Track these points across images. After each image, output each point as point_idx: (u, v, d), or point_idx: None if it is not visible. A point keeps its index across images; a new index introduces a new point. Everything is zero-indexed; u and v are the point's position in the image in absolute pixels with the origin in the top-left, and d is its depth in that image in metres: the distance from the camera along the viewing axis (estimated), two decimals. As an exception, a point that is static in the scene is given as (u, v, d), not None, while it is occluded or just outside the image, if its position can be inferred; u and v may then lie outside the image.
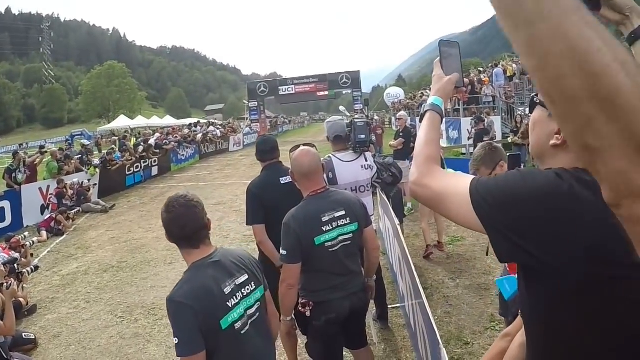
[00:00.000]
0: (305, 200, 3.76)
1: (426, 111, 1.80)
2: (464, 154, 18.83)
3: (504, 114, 21.83)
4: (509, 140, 17.19)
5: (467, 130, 19.34)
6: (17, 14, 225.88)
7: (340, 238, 3.65)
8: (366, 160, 5.51)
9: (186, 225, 2.70)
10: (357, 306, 3.92)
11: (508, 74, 27.19)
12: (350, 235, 3.71)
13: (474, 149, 14.13)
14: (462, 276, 7.46)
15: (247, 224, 4.79)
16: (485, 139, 14.39)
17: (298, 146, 4.03)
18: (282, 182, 4.83)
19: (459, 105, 23.58)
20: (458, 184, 1.43)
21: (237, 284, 2.77)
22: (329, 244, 3.62)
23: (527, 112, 23.13)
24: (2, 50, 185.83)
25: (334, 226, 3.63)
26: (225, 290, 2.68)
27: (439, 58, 1.83)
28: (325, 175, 4.56)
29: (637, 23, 1.42)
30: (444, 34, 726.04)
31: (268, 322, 3.08)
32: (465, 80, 20.60)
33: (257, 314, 2.88)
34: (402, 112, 15.45)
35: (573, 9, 0.66)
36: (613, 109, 0.60)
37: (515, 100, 24.36)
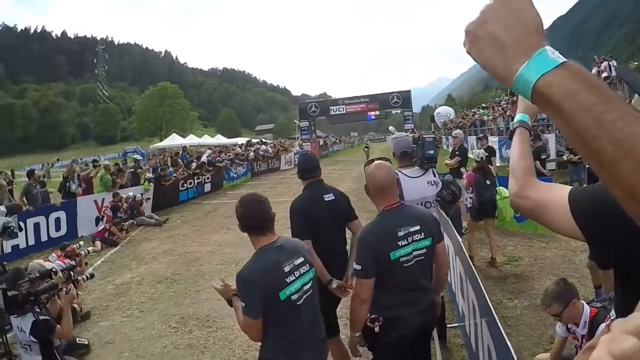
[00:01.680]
0: (381, 214, 3.69)
1: (515, 128, 1.91)
2: None
3: (558, 132, 21.27)
4: (564, 158, 16.88)
5: (522, 147, 18.96)
6: (72, 37, 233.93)
7: (415, 253, 3.55)
8: (434, 176, 5.48)
9: (257, 216, 3.34)
10: (427, 323, 3.84)
11: None
12: (424, 250, 3.62)
13: None
14: (520, 296, 7.29)
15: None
16: (542, 156, 14.16)
17: (372, 160, 4.00)
18: (326, 199, 4.85)
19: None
20: (558, 195, 1.49)
21: (295, 264, 3.32)
22: (404, 259, 3.53)
23: None
24: (58, 72, 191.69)
25: (409, 241, 3.53)
26: (285, 269, 3.24)
27: None
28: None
29: None
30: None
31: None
32: None
33: (311, 290, 3.45)
34: (457, 131, 15.36)
35: None
36: None
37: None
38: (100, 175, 17.42)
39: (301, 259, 3.38)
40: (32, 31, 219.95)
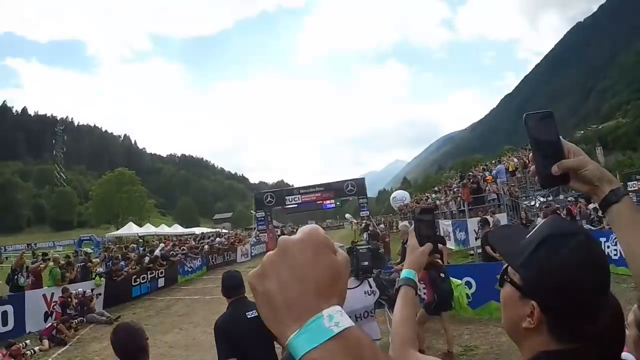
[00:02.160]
0: None
1: (399, 287, 1.89)
2: (472, 254, 18.66)
3: (509, 210, 21.95)
4: None
5: (474, 230, 19.39)
6: (32, 115, 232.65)
7: None
8: (370, 287, 5.56)
9: (128, 346, 3.43)
10: None
11: (510, 169, 27.81)
12: None
13: (482, 251, 14.09)
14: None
15: None
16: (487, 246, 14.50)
17: None
18: (249, 316, 4.89)
19: (464, 206, 23.79)
20: None
21: None
22: None
23: (532, 204, 23.43)
24: (16, 150, 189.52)
25: None
26: None
27: (413, 226, 1.94)
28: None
29: (608, 189, 1.44)
30: (445, 132, 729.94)
31: None
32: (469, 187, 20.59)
33: None
34: (403, 223, 15.73)
35: None
36: None
37: (520, 194, 25.03)
38: (49, 268, 17.19)
39: None
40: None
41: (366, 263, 5.50)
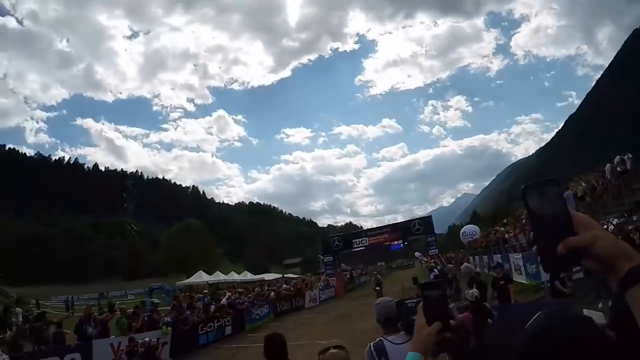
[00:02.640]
0: None
1: None
2: (543, 287, 17.13)
3: None
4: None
5: (547, 262, 18.19)
6: (103, 170, 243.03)
7: None
8: None
9: None
10: None
11: (579, 194, 26.55)
12: None
13: (550, 287, 13.16)
14: None
15: None
16: (562, 274, 13.45)
17: (328, 349, 3.94)
18: None
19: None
20: None
21: None
22: None
23: (605, 228, 22.27)
24: (88, 204, 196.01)
25: None
26: None
27: (422, 303, 1.70)
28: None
29: (626, 268, 1.08)
30: (512, 161, 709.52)
31: None
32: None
33: None
34: (465, 265, 15.45)
35: None
36: None
37: (591, 220, 23.70)
38: (116, 318, 17.52)
39: None
40: (65, 162, 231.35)
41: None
